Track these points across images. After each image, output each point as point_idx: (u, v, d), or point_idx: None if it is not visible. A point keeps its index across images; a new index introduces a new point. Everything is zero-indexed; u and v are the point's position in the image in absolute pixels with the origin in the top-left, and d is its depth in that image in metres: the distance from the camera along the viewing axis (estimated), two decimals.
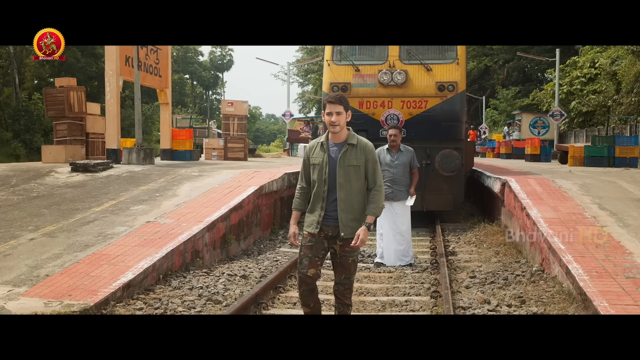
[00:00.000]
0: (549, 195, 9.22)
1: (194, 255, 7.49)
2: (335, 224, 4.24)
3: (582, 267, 5.90)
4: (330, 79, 11.50)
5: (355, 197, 4.25)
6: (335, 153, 4.25)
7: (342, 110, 4.18)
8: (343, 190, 4.22)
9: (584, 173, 12.85)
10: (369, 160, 4.28)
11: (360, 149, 4.25)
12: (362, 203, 4.29)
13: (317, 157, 4.28)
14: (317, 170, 4.26)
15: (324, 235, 4.31)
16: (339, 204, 4.21)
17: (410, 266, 8.23)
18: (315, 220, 4.28)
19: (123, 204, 9.05)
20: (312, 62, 52.22)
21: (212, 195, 9.57)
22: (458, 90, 11.28)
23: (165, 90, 16.61)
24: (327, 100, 4.20)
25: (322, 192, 4.25)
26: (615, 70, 25.28)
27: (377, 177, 4.31)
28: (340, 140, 4.28)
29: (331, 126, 4.20)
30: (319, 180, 4.26)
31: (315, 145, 4.36)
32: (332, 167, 4.22)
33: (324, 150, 4.27)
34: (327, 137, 4.33)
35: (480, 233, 10.49)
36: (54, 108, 14.87)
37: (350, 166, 4.21)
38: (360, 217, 4.26)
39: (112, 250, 6.76)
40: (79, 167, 11.81)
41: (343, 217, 4.22)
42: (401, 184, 8.28)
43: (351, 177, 4.22)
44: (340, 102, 4.17)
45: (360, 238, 4.19)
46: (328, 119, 4.18)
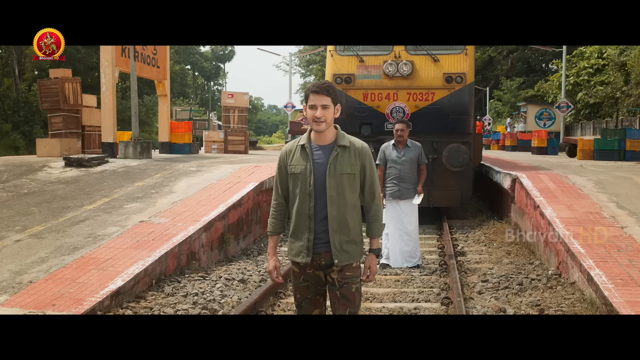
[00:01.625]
0: (563, 192, 8.79)
1: (190, 257, 7.08)
2: (328, 249, 3.33)
3: (605, 274, 5.49)
4: (333, 70, 11.05)
5: (349, 213, 3.34)
6: (322, 158, 3.32)
7: (329, 102, 3.27)
8: (335, 206, 3.30)
9: (596, 168, 12.41)
10: (366, 167, 3.38)
11: (355, 153, 3.35)
12: (358, 221, 3.42)
13: (298, 164, 3.34)
14: (300, 181, 3.33)
15: (317, 266, 3.38)
16: (330, 224, 3.30)
17: (417, 268, 7.82)
18: (304, 247, 3.34)
19: (116, 202, 8.64)
20: (315, 53, 51.64)
21: (210, 192, 9.16)
22: (466, 81, 10.82)
23: (164, 82, 16.17)
24: (311, 90, 3.29)
25: (307, 209, 3.32)
26: (624, 61, 24.74)
27: (376, 188, 3.45)
28: (327, 141, 3.35)
29: (315, 123, 3.27)
30: (302, 194, 3.32)
31: (294, 149, 3.39)
32: (319, 177, 3.30)
33: (306, 155, 3.33)
34: (309, 138, 3.38)
35: (489, 231, 10.07)
36: (48, 100, 14.44)
37: (344, 175, 3.30)
38: (357, 238, 3.39)
39: (101, 254, 6.35)
40: (73, 162, 11.41)
41: (336, 239, 3.30)
42: (408, 181, 7.85)
43: (344, 189, 3.31)
44: (328, 93, 3.27)
45: (371, 270, 3.41)
46: (311, 113, 3.26)
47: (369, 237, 3.48)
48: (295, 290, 3.50)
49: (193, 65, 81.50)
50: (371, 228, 3.47)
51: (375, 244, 3.47)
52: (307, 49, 52.96)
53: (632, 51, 23.84)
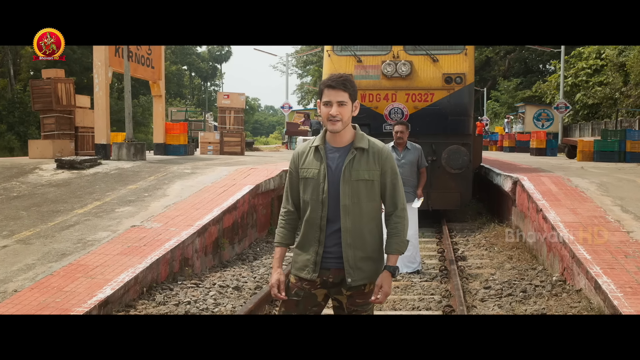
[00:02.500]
0: (566, 195, 8.59)
1: (183, 263, 6.86)
2: (339, 266, 2.95)
3: (613, 282, 5.28)
4: (330, 71, 10.84)
5: (366, 225, 2.96)
6: (337, 162, 2.96)
7: (346, 99, 2.89)
8: (349, 217, 2.93)
9: (597, 170, 12.23)
10: (387, 172, 2.99)
11: (373, 156, 2.96)
12: (377, 234, 3.02)
13: (311, 167, 2.99)
14: (311, 187, 2.98)
15: (321, 283, 3.02)
16: (344, 237, 2.93)
17: (417, 273, 7.61)
18: (311, 261, 2.98)
19: (108, 205, 8.41)
20: (312, 53, 51.41)
21: (204, 196, 8.94)
22: (466, 82, 10.64)
23: (159, 82, 15.92)
24: (325, 84, 2.92)
25: (318, 218, 2.96)
26: (623, 62, 24.58)
27: (399, 198, 3.03)
28: (344, 143, 2.98)
29: (330, 122, 2.90)
30: (313, 202, 2.97)
31: (307, 151, 3.04)
32: (333, 183, 2.94)
33: (320, 158, 2.98)
34: (324, 139, 3.02)
35: (490, 235, 9.88)
36: (40, 101, 14.22)
37: (360, 181, 2.94)
38: (375, 254, 2.99)
39: (91, 260, 6.13)
40: (65, 164, 11.16)
41: (350, 255, 2.93)
42: (408, 184, 7.61)
43: (361, 197, 2.94)
44: (345, 88, 2.89)
45: (383, 290, 2.94)
46: (326, 111, 2.90)
47: (387, 253, 3.03)
48: (282, 303, 3.11)
49: (190, 65, 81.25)
50: (389, 243, 3.01)
51: (393, 260, 3.00)
52: (304, 50, 52.74)
53: (631, 51, 23.69)
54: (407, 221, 3.07)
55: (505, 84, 45.83)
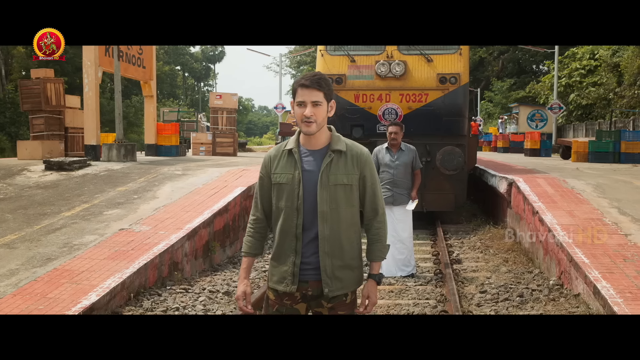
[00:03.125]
0: (562, 197, 8.48)
1: (172, 267, 6.69)
2: (318, 278, 2.77)
3: (612, 287, 5.16)
4: (323, 70, 10.68)
5: (345, 232, 2.79)
6: (313, 166, 2.77)
7: (321, 99, 2.72)
8: (327, 224, 2.75)
9: (592, 171, 12.13)
10: (367, 177, 2.83)
11: (352, 159, 2.79)
12: (356, 241, 2.86)
13: (285, 172, 2.80)
14: (286, 193, 2.78)
15: (301, 297, 2.83)
16: (321, 245, 2.75)
17: (412, 277, 7.47)
18: (289, 272, 2.79)
19: (96, 208, 8.23)
20: (305, 54, 51.26)
21: (195, 198, 8.78)
22: (461, 82, 10.50)
23: (150, 82, 15.75)
24: (299, 84, 2.74)
25: (293, 226, 2.77)
26: (617, 62, 24.56)
27: (379, 203, 2.89)
28: (320, 145, 2.80)
29: (304, 124, 2.72)
30: (288, 209, 2.78)
31: (280, 155, 2.84)
32: (308, 188, 2.76)
33: (294, 162, 2.79)
34: (298, 142, 2.84)
35: (485, 237, 9.75)
36: (29, 101, 14.00)
37: (339, 185, 2.76)
38: (353, 262, 2.83)
39: (77, 265, 5.95)
40: (53, 165, 10.98)
41: (327, 264, 2.75)
42: (402, 186, 7.49)
43: (339, 203, 2.77)
44: (319, 87, 2.71)
45: (370, 301, 2.85)
46: (299, 112, 2.72)
47: (369, 261, 2.92)
48: None
49: (183, 65, 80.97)
50: (372, 250, 2.90)
51: (377, 268, 2.90)
52: (297, 50, 52.61)
53: (625, 52, 23.66)
54: (387, 227, 2.94)
55: (498, 85, 45.86)
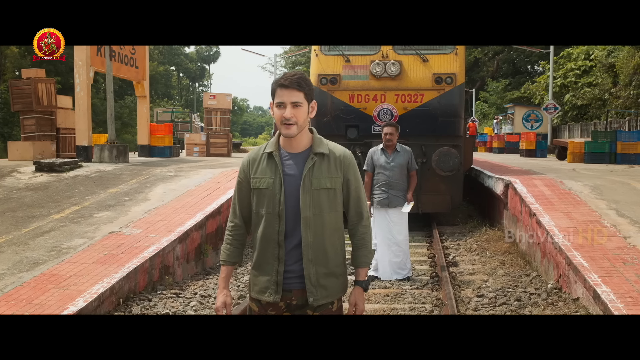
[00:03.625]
0: (560, 199, 8.37)
1: (163, 271, 6.56)
2: (302, 286, 2.65)
3: (612, 291, 5.05)
4: (318, 71, 10.57)
5: (329, 238, 2.67)
6: (295, 169, 2.65)
7: (301, 99, 2.59)
8: (310, 230, 2.63)
9: (589, 172, 12.04)
10: (350, 180, 2.72)
11: (335, 162, 2.68)
12: (340, 247, 2.75)
13: (265, 177, 2.66)
14: (266, 198, 2.65)
15: (286, 307, 2.71)
16: (305, 252, 2.63)
17: (408, 280, 7.34)
18: (272, 281, 2.66)
19: (86, 210, 8.08)
20: (300, 54, 51.12)
21: (187, 200, 8.63)
22: (457, 82, 10.39)
23: (143, 83, 15.58)
24: (279, 84, 2.60)
25: (275, 233, 2.64)
26: (612, 63, 24.52)
27: (364, 207, 2.80)
28: (301, 148, 2.68)
29: (284, 126, 2.59)
30: (269, 215, 2.65)
31: (260, 158, 2.71)
32: (290, 193, 2.63)
33: (275, 165, 2.66)
34: (279, 144, 2.71)
35: (481, 239, 9.64)
36: (20, 101, 13.83)
37: (322, 190, 2.64)
38: (338, 269, 2.71)
39: (64, 269, 5.81)
40: (44, 167, 10.82)
41: (312, 272, 2.63)
42: (398, 188, 7.37)
43: (323, 208, 2.65)
44: (299, 87, 2.59)
45: (358, 309, 2.76)
46: (279, 113, 2.59)
47: (355, 267, 2.82)
48: None
49: (178, 66, 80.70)
50: (357, 256, 2.80)
51: (363, 274, 2.80)
52: (292, 50, 52.49)
53: (620, 52, 23.62)
54: (370, 230, 2.84)
55: (493, 85, 45.82)
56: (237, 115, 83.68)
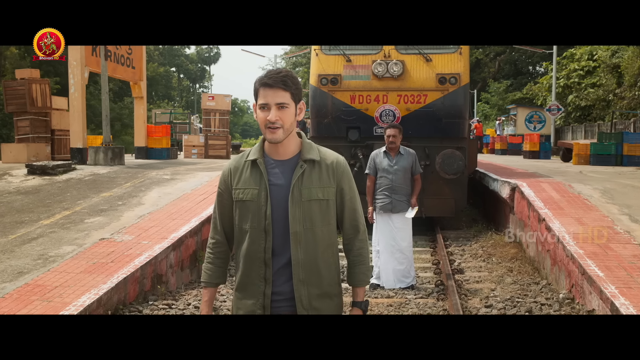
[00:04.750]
0: (569, 203, 8.06)
1: (155, 280, 6.25)
2: (292, 309, 2.36)
3: (632, 304, 4.74)
4: (318, 71, 10.27)
5: (322, 255, 2.38)
6: (282, 179, 2.36)
7: (287, 100, 2.30)
8: (301, 246, 2.34)
9: (597, 174, 11.72)
10: (344, 189, 2.44)
11: (327, 170, 2.40)
12: (334, 265, 2.45)
13: (248, 187, 2.37)
14: (250, 212, 2.35)
15: None
16: (295, 272, 2.34)
17: (412, 289, 7.04)
18: (258, 305, 2.36)
19: (77, 215, 7.78)
20: (300, 55, 50.81)
21: (182, 204, 8.33)
22: (461, 83, 10.08)
23: (140, 83, 15.28)
24: (262, 83, 2.31)
25: (261, 251, 2.34)
26: (617, 63, 24.20)
27: (360, 219, 2.51)
28: (288, 155, 2.39)
29: (269, 130, 2.30)
30: (253, 231, 2.35)
31: (242, 167, 2.42)
32: (278, 206, 2.34)
33: (259, 174, 2.36)
34: (263, 151, 2.42)
35: (486, 244, 9.33)
36: (14, 102, 13.56)
37: (313, 201, 2.35)
38: (332, 289, 2.43)
39: (50, 279, 5.50)
40: (36, 170, 10.52)
41: (303, 294, 2.35)
42: (401, 192, 7.06)
43: (314, 221, 2.36)
44: (285, 86, 2.29)
45: None
46: (263, 116, 2.30)
47: (352, 286, 2.53)
48: None
49: (178, 67, 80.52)
50: (355, 273, 2.51)
51: (361, 294, 2.52)
52: (292, 51, 52.22)
53: (625, 52, 23.31)
54: (367, 245, 2.56)
55: (495, 86, 45.55)
56: (238, 116, 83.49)
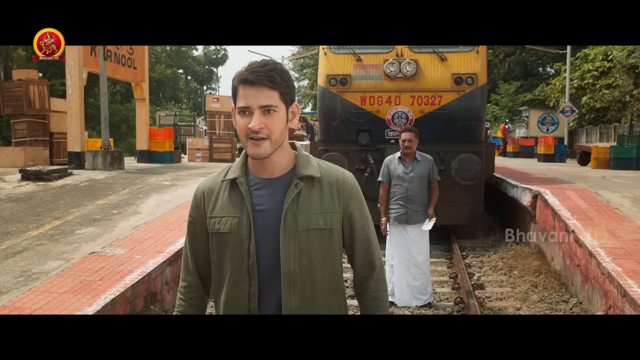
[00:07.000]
0: (598, 213, 7.45)
1: (149, 299, 5.70)
2: None
3: None
4: (326, 71, 9.71)
5: (323, 302, 1.83)
6: (271, 202, 1.79)
7: (275, 101, 1.73)
8: (296, 291, 1.78)
9: (622, 180, 11.09)
10: (354, 214, 1.87)
11: (330, 190, 1.83)
12: (341, 312, 1.90)
13: (226, 214, 1.81)
14: (229, 246, 1.80)
15: None
16: None
17: (429, 307, 6.46)
18: None
19: (68, 226, 7.25)
20: (308, 56, 50.31)
21: (181, 213, 7.78)
22: (478, 83, 9.49)
23: (142, 85, 14.79)
24: (241, 79, 1.73)
25: (244, 298, 1.79)
26: (634, 64, 23.50)
27: (376, 253, 1.94)
28: (279, 171, 1.82)
29: (251, 142, 1.73)
30: (234, 272, 1.80)
31: (218, 188, 1.86)
32: (265, 238, 1.78)
33: (240, 198, 1.80)
34: (246, 167, 1.85)
35: (506, 255, 8.73)
36: (11, 104, 13.09)
37: (312, 231, 1.79)
38: None
39: (30, 301, 4.95)
40: (30, 175, 10.01)
41: None
42: (417, 202, 6.48)
43: (313, 258, 1.80)
44: (272, 83, 1.71)
45: None
46: (243, 123, 1.72)
47: None
48: None
49: (185, 69, 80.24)
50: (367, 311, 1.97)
51: None
52: (300, 52, 51.73)
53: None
54: (386, 285, 1.97)
55: (505, 87, 44.83)
56: None
